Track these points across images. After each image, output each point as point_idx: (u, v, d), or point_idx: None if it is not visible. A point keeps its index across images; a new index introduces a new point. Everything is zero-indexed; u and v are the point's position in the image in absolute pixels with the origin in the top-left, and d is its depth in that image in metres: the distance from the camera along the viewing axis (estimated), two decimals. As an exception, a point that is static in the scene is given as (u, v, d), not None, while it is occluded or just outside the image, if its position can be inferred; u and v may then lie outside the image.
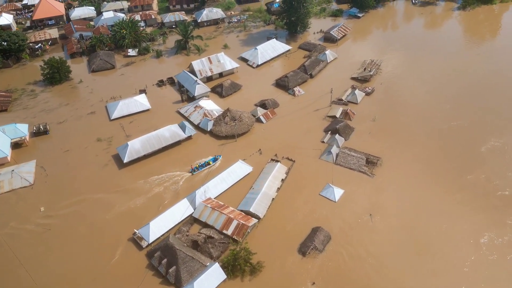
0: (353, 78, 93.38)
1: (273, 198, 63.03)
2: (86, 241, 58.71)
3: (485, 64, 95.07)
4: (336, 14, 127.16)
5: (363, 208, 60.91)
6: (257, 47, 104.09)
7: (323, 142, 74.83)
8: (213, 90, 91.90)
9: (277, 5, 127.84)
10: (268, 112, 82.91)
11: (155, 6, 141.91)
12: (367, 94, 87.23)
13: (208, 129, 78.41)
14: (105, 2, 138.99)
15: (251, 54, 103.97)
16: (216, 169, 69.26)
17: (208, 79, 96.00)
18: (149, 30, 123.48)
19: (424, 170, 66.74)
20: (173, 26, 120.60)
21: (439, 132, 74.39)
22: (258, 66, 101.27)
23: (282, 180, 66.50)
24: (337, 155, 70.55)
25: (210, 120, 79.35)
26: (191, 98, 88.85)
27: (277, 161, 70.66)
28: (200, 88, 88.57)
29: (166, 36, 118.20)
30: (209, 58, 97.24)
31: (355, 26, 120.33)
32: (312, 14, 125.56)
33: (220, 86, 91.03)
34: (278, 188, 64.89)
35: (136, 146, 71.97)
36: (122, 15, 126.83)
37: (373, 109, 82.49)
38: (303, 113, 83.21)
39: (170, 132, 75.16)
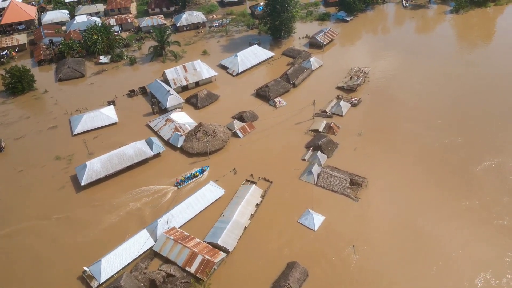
0: (338, 88, 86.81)
1: (245, 227, 56.10)
2: (27, 280, 51.32)
3: (479, 71, 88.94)
4: (323, 18, 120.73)
5: (345, 239, 54.14)
6: (237, 54, 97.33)
7: (304, 159, 68.16)
8: (188, 101, 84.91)
9: (261, 9, 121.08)
10: (246, 125, 76.07)
11: (133, 9, 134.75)
12: (353, 105, 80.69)
13: (179, 146, 71.43)
14: (80, 6, 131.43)
15: (231, 61, 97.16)
16: (183, 194, 62.21)
17: (184, 89, 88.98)
18: (125, 35, 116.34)
19: (413, 194, 60.14)
20: (150, 31, 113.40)
21: (430, 150, 67.63)
22: (238, 74, 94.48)
23: (257, 205, 59.64)
24: (318, 175, 63.84)
25: (181, 135, 72.37)
26: (163, 110, 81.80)
27: (253, 182, 63.82)
28: (173, 99, 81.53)
29: (142, 41, 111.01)
30: (184, 66, 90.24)
31: (343, 31, 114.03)
32: (298, 18, 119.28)
33: (195, 97, 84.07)
34: (252, 214, 58.01)
35: (95, 167, 64.75)
36: (96, 19, 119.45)
37: (359, 123, 75.95)
38: (283, 127, 76.48)
39: (135, 149, 68.05)
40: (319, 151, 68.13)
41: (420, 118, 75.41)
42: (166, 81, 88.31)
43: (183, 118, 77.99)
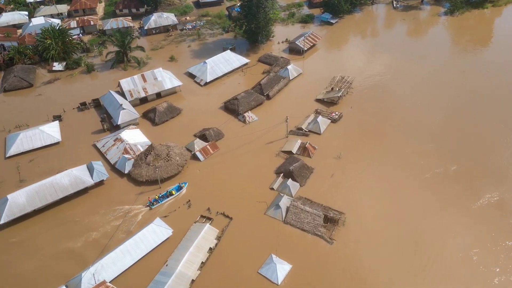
0: (318, 100, 76.45)
1: (192, 280, 45.46)
2: None
3: (475, 81, 78.97)
4: (306, 20, 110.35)
5: (315, 296, 43.81)
6: (206, 61, 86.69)
7: (272, 189, 57.69)
8: (145, 115, 74.16)
9: (238, 10, 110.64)
10: (208, 146, 65.48)
11: (100, 10, 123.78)
12: (333, 121, 70.30)
13: (126, 171, 60.71)
14: (42, 6, 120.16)
15: (199, 69, 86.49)
16: (122, 238, 51.50)
17: (143, 101, 78.19)
18: (87, 38, 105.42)
19: (401, 234, 49.81)
20: (132, 34, 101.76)
21: (420, 183, 56.95)
22: (206, 83, 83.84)
23: (211, 249, 49.04)
24: (287, 209, 53.35)
25: (130, 159, 61.66)
26: (115, 127, 71.04)
27: (209, 218, 53.24)
28: (126, 114, 70.71)
29: (104, 46, 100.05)
30: (142, 75, 79.38)
31: (327, 34, 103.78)
32: (279, 20, 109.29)
33: (153, 111, 73.31)
34: (202, 263, 47.40)
35: (20, 200, 53.82)
36: (56, 21, 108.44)
37: (339, 142, 65.58)
38: (252, 147, 65.95)
39: (70, 178, 57.16)
40: (290, 179, 57.75)
41: (409, 139, 65.03)
42: (122, 93, 77.60)
43: (136, 137, 67.23)
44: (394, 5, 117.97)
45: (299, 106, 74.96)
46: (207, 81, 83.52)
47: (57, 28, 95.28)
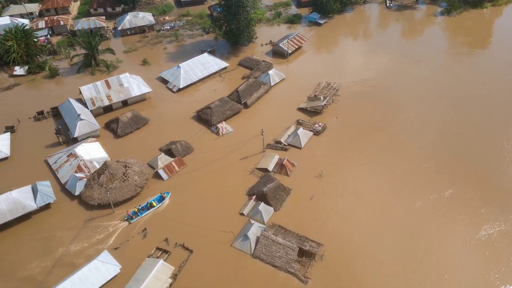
0: (301, 109, 69.12)
1: (138, 332, 38.12)
2: None
3: (474, 90, 71.88)
4: (292, 20, 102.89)
5: None
6: (180, 65, 79.16)
7: (242, 214, 50.30)
8: (108, 126, 66.68)
9: (220, 9, 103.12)
10: (174, 163, 57.98)
11: (75, 9, 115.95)
12: (316, 133, 62.98)
13: (76, 193, 53.14)
14: (12, 5, 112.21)
15: (172, 73, 78.96)
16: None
17: (107, 110, 70.64)
18: (56, 40, 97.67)
19: (388, 274, 42.50)
20: (100, 35, 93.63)
21: (410, 212, 49.38)
22: (179, 90, 76.32)
23: (164, 290, 41.68)
24: (257, 240, 45.98)
25: (81, 179, 54.12)
26: (72, 140, 63.46)
27: (166, 251, 45.81)
28: (84, 126, 63.14)
29: (72, 48, 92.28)
30: (106, 81, 71.71)
31: (314, 36, 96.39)
32: (264, 19, 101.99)
33: (116, 122, 65.79)
34: (151, 309, 40.04)
35: None
36: (25, 21, 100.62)
37: (321, 158, 58.24)
38: (224, 164, 58.54)
39: (9, 202, 49.55)
40: (263, 202, 50.37)
41: (398, 157, 57.77)
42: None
43: (94, 152, 59.68)
44: (388, 4, 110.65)
45: (279, 116, 67.74)
46: (180, 87, 75.98)
47: (21, 28, 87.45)
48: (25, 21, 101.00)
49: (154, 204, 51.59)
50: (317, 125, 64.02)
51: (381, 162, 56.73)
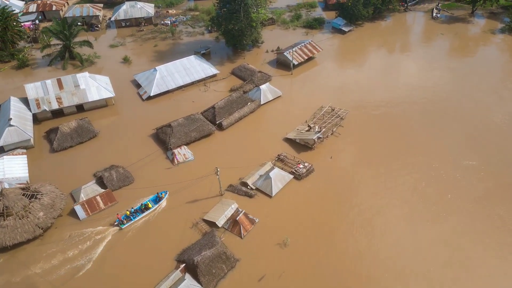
0: (288, 140, 53.07)
1: None
2: None
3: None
4: (312, 25, 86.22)
5: None
6: (157, 68, 65.82)
7: (159, 290, 35.62)
8: (47, 136, 54.48)
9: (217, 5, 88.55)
10: (100, 197, 44.33)
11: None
12: (297, 177, 46.72)
13: (-38, 226, 41.00)
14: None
15: (147, 77, 65.76)
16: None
17: (57, 115, 58.63)
18: (45, 26, 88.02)
19: None
20: (78, 23, 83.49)
21: None
22: (150, 98, 62.96)
23: None
24: None
25: (-25, 207, 41.93)
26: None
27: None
28: (13, 133, 51.21)
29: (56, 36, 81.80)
30: (58, 80, 59.46)
31: (333, 46, 79.33)
32: (279, 21, 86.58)
33: (55, 132, 53.44)
34: None
35: None
36: (19, 3, 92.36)
37: (292, 216, 42.07)
38: (163, 208, 44.09)
39: None
40: (190, 276, 35.38)
41: (394, 223, 40.37)
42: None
43: (12, 169, 47.43)
44: (434, 14, 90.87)
45: (259, 146, 52.35)
46: (151, 94, 62.55)
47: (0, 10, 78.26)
48: (20, 4, 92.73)
49: (150, 205, 43.56)
50: (301, 166, 47.70)
51: (378, 225, 39.58)
